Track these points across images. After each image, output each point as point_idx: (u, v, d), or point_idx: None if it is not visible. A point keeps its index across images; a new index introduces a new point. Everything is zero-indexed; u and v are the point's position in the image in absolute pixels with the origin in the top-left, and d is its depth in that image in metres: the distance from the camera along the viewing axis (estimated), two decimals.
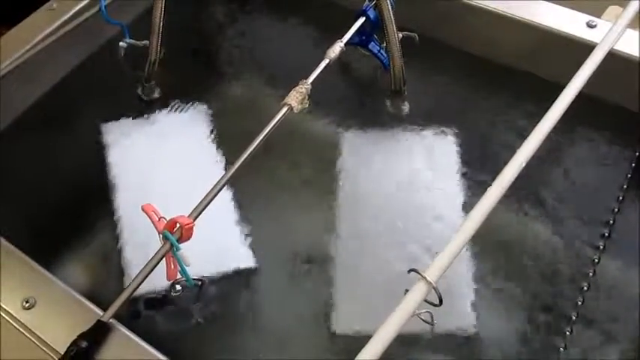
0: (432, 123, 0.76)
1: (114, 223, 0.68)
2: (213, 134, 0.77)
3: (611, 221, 0.67)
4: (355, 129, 0.76)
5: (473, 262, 0.64)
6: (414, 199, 0.69)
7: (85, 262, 0.68)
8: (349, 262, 0.65)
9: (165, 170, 0.72)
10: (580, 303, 0.62)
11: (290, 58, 0.86)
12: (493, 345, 0.60)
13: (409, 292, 0.44)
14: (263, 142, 0.57)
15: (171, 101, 0.80)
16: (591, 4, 0.77)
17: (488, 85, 0.80)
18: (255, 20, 0.92)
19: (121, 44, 0.80)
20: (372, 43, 0.76)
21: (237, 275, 0.64)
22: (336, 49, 0.65)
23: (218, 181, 0.54)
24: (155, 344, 0.50)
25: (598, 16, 0.74)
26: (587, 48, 0.58)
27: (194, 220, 0.51)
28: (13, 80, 0.73)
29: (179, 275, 0.52)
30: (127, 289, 0.50)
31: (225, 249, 0.66)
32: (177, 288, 0.62)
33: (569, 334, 0.60)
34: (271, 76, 0.85)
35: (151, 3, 0.73)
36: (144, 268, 0.51)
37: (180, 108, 0.80)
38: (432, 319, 0.48)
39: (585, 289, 0.63)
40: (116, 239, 0.66)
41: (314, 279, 0.65)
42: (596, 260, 0.65)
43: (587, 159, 0.74)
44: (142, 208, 0.53)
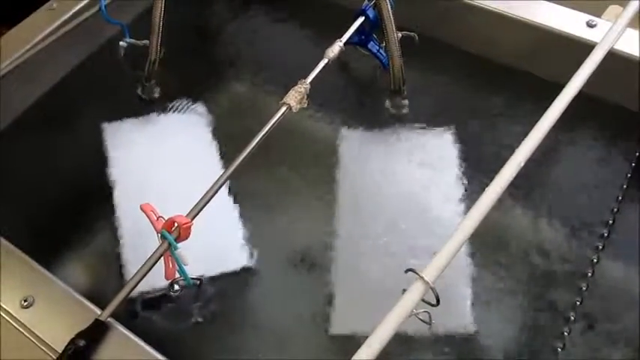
0: (432, 123, 0.76)
1: (112, 222, 0.68)
2: (212, 134, 0.77)
3: (611, 221, 0.67)
4: (354, 129, 0.76)
5: (471, 261, 0.64)
6: (412, 198, 0.69)
7: (84, 261, 0.68)
8: (348, 261, 0.65)
9: (165, 170, 0.72)
10: (579, 303, 0.62)
11: (289, 57, 0.86)
12: (491, 345, 0.60)
13: (406, 291, 0.43)
14: (261, 142, 0.57)
15: (171, 101, 0.80)
16: (591, 3, 0.76)
17: (488, 85, 0.80)
18: (255, 20, 0.92)
19: (121, 44, 0.80)
20: (372, 42, 0.75)
21: (236, 274, 0.64)
22: (335, 48, 0.65)
23: (216, 181, 0.54)
24: (153, 343, 0.50)
25: (598, 16, 0.74)
26: (587, 48, 0.58)
27: (192, 220, 0.51)
28: (13, 80, 0.73)
29: (177, 274, 0.52)
30: (124, 288, 0.50)
31: (224, 248, 0.66)
32: (176, 287, 0.62)
33: (568, 334, 0.60)
34: (271, 76, 0.85)
35: (151, 3, 0.73)
36: (142, 267, 0.51)
37: (180, 108, 0.80)
38: (429, 318, 0.48)
39: (585, 289, 0.63)
40: (115, 238, 0.66)
41: (312, 278, 0.65)
42: (596, 260, 0.65)
43: (587, 159, 0.74)
44: (141, 207, 0.53)
